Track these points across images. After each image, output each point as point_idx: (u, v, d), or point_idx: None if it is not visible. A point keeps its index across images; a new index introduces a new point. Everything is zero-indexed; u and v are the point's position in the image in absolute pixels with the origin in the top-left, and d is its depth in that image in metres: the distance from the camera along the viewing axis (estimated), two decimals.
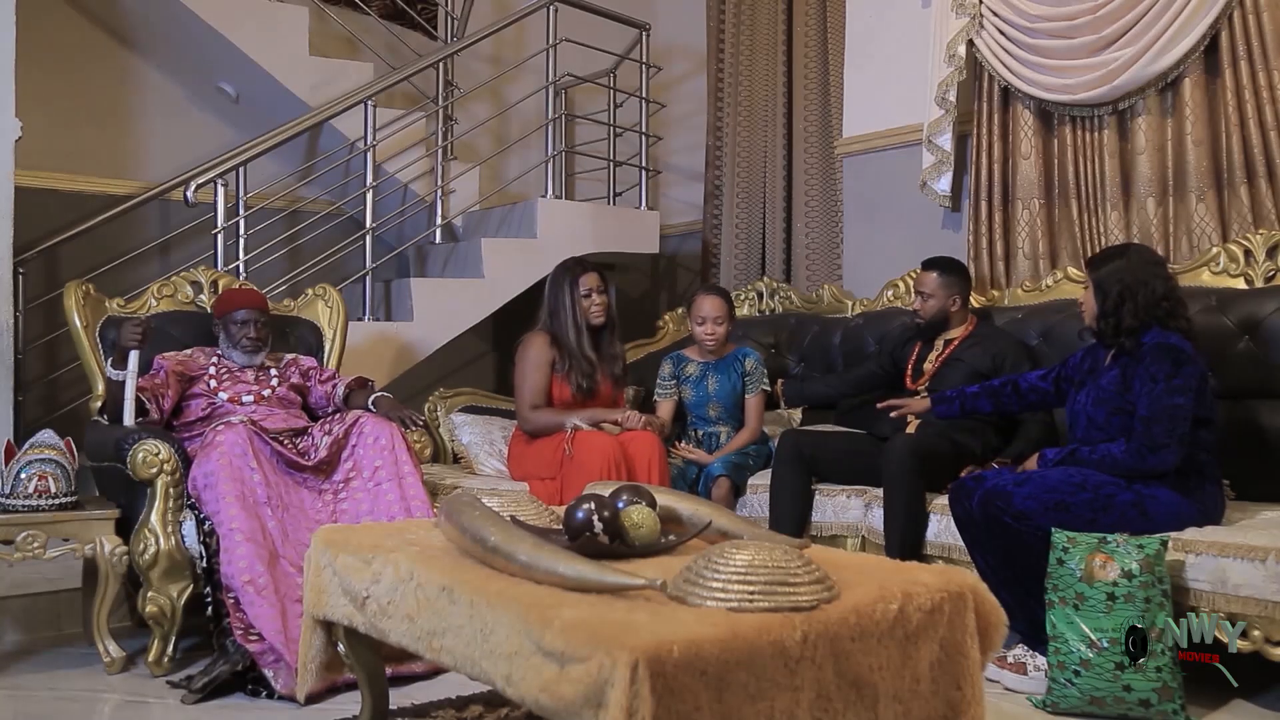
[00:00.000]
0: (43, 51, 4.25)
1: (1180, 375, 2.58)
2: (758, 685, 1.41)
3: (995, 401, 3.11)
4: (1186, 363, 2.61)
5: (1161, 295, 2.71)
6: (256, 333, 3.27)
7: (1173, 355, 2.62)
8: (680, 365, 3.84)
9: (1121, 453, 2.61)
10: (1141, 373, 2.64)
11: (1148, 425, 2.59)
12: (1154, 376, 2.61)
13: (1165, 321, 2.70)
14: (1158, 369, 2.61)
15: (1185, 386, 2.58)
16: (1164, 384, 2.58)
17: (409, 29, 5.33)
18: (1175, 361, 2.60)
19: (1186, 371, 2.59)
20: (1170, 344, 2.64)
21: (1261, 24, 3.29)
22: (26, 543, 2.67)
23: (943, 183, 4.14)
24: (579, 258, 3.76)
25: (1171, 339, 2.66)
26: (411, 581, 1.76)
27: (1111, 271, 2.76)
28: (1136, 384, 2.64)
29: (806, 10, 4.88)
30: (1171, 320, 2.71)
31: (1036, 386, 3.05)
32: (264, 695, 2.53)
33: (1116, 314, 2.73)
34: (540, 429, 3.50)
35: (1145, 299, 2.70)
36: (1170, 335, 2.67)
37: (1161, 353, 2.62)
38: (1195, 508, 2.59)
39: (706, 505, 2.09)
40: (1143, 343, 2.68)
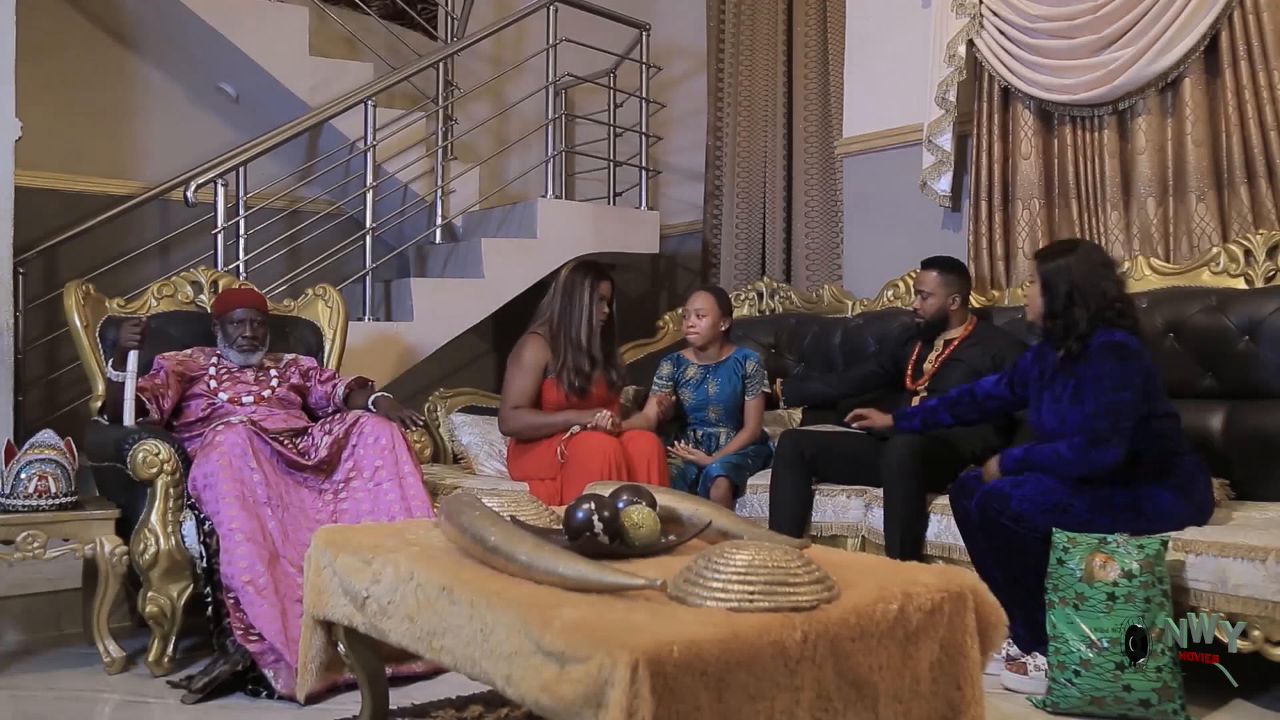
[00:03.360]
0: (43, 51, 4.24)
1: (1124, 371, 2.59)
2: (758, 685, 1.41)
3: (954, 412, 3.11)
4: (1131, 358, 2.61)
5: (1114, 297, 2.71)
6: (253, 332, 3.26)
7: (1118, 352, 2.62)
8: (680, 367, 3.84)
9: (1067, 449, 2.61)
10: (1089, 373, 2.65)
11: (1091, 420, 2.59)
12: (1099, 375, 2.61)
13: (1114, 322, 2.70)
14: (1103, 367, 2.62)
15: (1129, 382, 2.58)
16: (1108, 380, 2.59)
17: (409, 29, 5.33)
18: (1120, 357, 2.61)
19: (1131, 367, 2.60)
20: (1115, 341, 2.64)
21: (1261, 24, 3.29)
22: (26, 543, 2.67)
23: (943, 183, 4.14)
24: (595, 261, 3.76)
25: (1116, 335, 2.66)
26: (411, 581, 1.76)
27: (1060, 269, 2.74)
28: (1086, 386, 2.65)
29: (806, 10, 4.88)
30: (1121, 320, 2.70)
31: (992, 394, 3.04)
32: (264, 695, 2.53)
33: (1066, 315, 2.71)
34: (518, 429, 3.51)
35: (1097, 301, 2.69)
36: (1115, 333, 2.67)
37: (1107, 351, 2.63)
38: (1190, 506, 2.60)
39: (706, 505, 2.09)
40: (1089, 344, 2.68)
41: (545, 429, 3.45)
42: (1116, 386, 2.59)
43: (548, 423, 3.45)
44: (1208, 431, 3.06)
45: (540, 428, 3.46)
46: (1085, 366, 2.67)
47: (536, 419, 3.48)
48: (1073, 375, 2.71)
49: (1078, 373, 2.69)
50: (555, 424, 3.43)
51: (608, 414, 3.40)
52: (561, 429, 3.41)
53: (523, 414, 3.49)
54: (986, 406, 3.07)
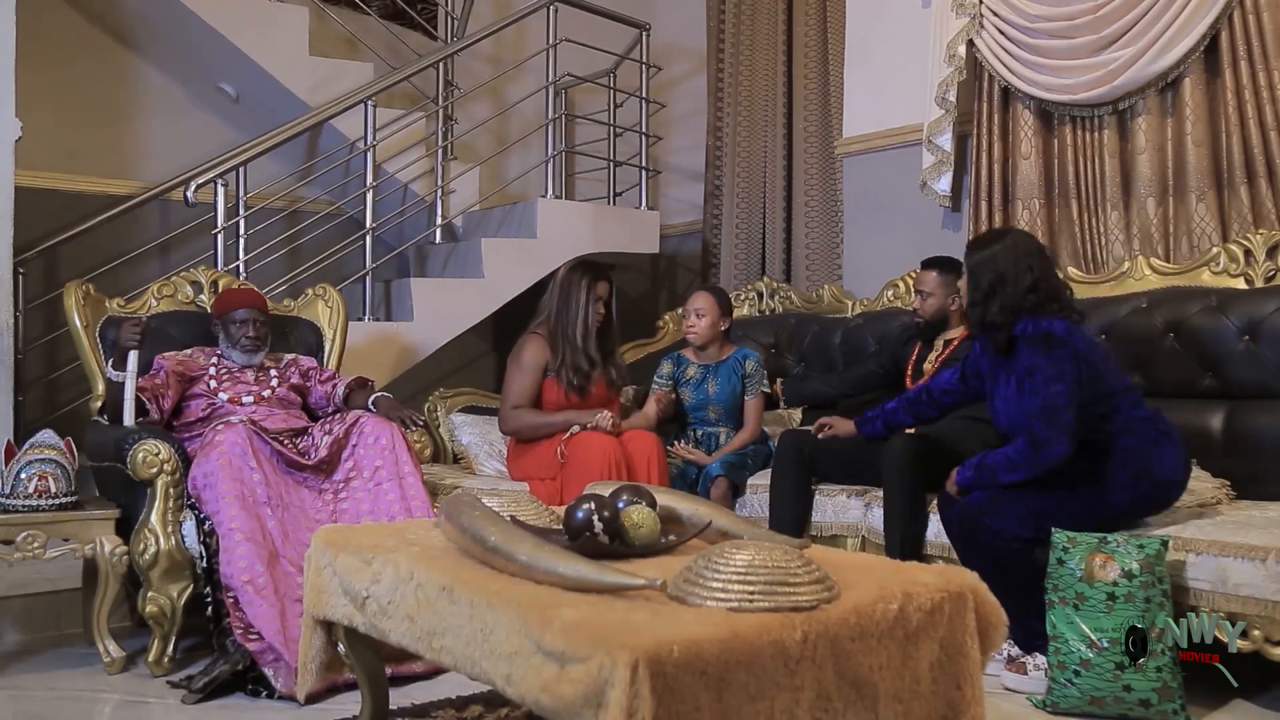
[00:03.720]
0: (43, 51, 4.25)
1: (1051, 362, 2.57)
2: (758, 685, 1.41)
3: (913, 412, 3.11)
4: (1057, 345, 2.58)
5: (1028, 287, 2.66)
6: (256, 332, 3.26)
7: (1042, 342, 2.60)
8: (681, 367, 3.84)
9: (1014, 452, 2.62)
10: (1021, 367, 2.64)
11: (1030, 421, 2.59)
12: (1030, 369, 2.60)
13: (1035, 310, 2.67)
14: (1033, 360, 2.60)
15: (1060, 372, 2.56)
16: (1040, 374, 2.58)
17: (409, 29, 5.33)
18: (1046, 348, 2.59)
19: (1057, 355, 2.57)
20: (1040, 332, 2.62)
21: (1261, 24, 3.29)
22: (26, 543, 2.67)
23: (943, 183, 4.14)
24: (594, 260, 3.76)
25: (1042, 324, 2.63)
26: (411, 581, 1.76)
27: (986, 259, 2.73)
28: (1025, 382, 2.64)
29: (806, 10, 4.88)
30: (1042, 309, 2.67)
31: (948, 389, 3.04)
32: (264, 695, 2.53)
33: (984, 305, 2.70)
34: (518, 429, 3.51)
35: (1012, 291, 2.66)
36: (1041, 321, 2.64)
37: (1032, 343, 2.62)
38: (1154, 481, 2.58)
39: (706, 505, 2.09)
40: (1014, 335, 2.67)
41: (545, 429, 3.46)
42: (1049, 379, 2.56)
43: (548, 422, 3.45)
44: (1208, 431, 3.06)
45: (540, 427, 3.47)
46: (1017, 361, 2.66)
47: (536, 419, 3.48)
48: (1011, 370, 2.70)
49: (1013, 367, 2.68)
50: (555, 424, 3.44)
51: (608, 414, 3.40)
52: (561, 429, 3.41)
53: (523, 414, 3.50)
54: (944, 402, 3.07)
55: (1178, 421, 3.10)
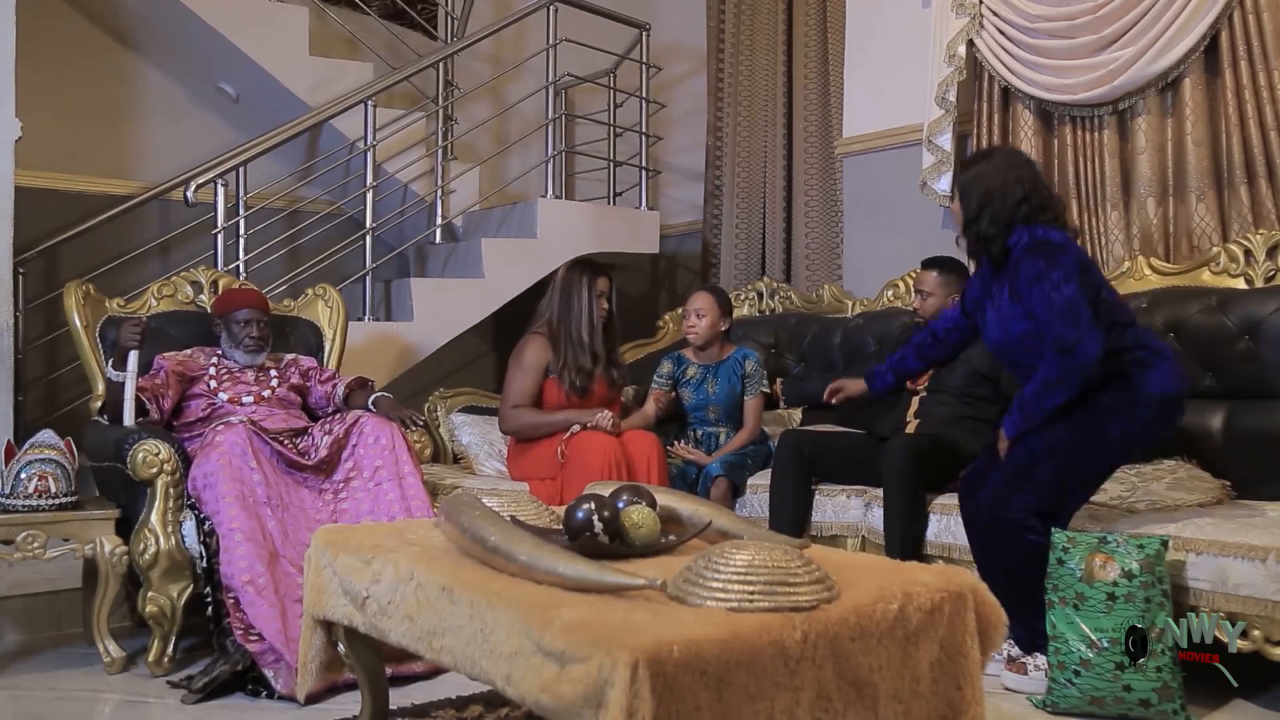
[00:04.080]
0: (43, 51, 4.25)
1: (1057, 266, 2.55)
2: (758, 685, 1.41)
3: (920, 355, 3.10)
4: (1058, 252, 2.57)
5: (1019, 199, 2.65)
6: (259, 333, 3.27)
7: (1043, 250, 2.58)
8: (681, 366, 3.84)
9: (1047, 370, 2.56)
10: (1023, 279, 2.60)
11: (1051, 328, 2.54)
12: (1034, 277, 2.57)
13: (1028, 220, 2.65)
14: (1034, 269, 2.58)
15: (1068, 274, 2.54)
16: (1046, 281, 2.55)
17: (409, 29, 5.33)
18: (1047, 255, 2.57)
19: (1061, 261, 2.55)
20: (1036, 240, 2.61)
21: (1261, 24, 3.29)
22: (26, 543, 2.67)
23: (943, 183, 4.14)
24: (592, 259, 3.76)
25: (1038, 233, 2.62)
26: (411, 581, 1.76)
27: (974, 177, 2.72)
28: (1024, 292, 2.60)
29: (806, 10, 4.88)
30: (1035, 219, 2.66)
31: (952, 325, 3.02)
32: (264, 695, 2.53)
33: (977, 222, 2.69)
34: (518, 428, 3.51)
35: (1001, 205, 2.65)
36: (1036, 230, 2.63)
37: (1031, 252, 2.60)
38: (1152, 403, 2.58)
39: (706, 505, 2.09)
40: (1009, 247, 2.66)
41: (545, 428, 3.46)
42: (1058, 282, 2.54)
43: (548, 422, 3.46)
44: (1208, 431, 3.06)
45: (540, 427, 3.47)
46: (1018, 273, 2.63)
47: (536, 418, 3.48)
48: (1006, 280, 2.69)
49: (1011, 277, 2.66)
50: (555, 423, 3.44)
51: (608, 414, 3.40)
52: (561, 428, 3.41)
53: (523, 413, 3.50)
54: (951, 340, 3.05)
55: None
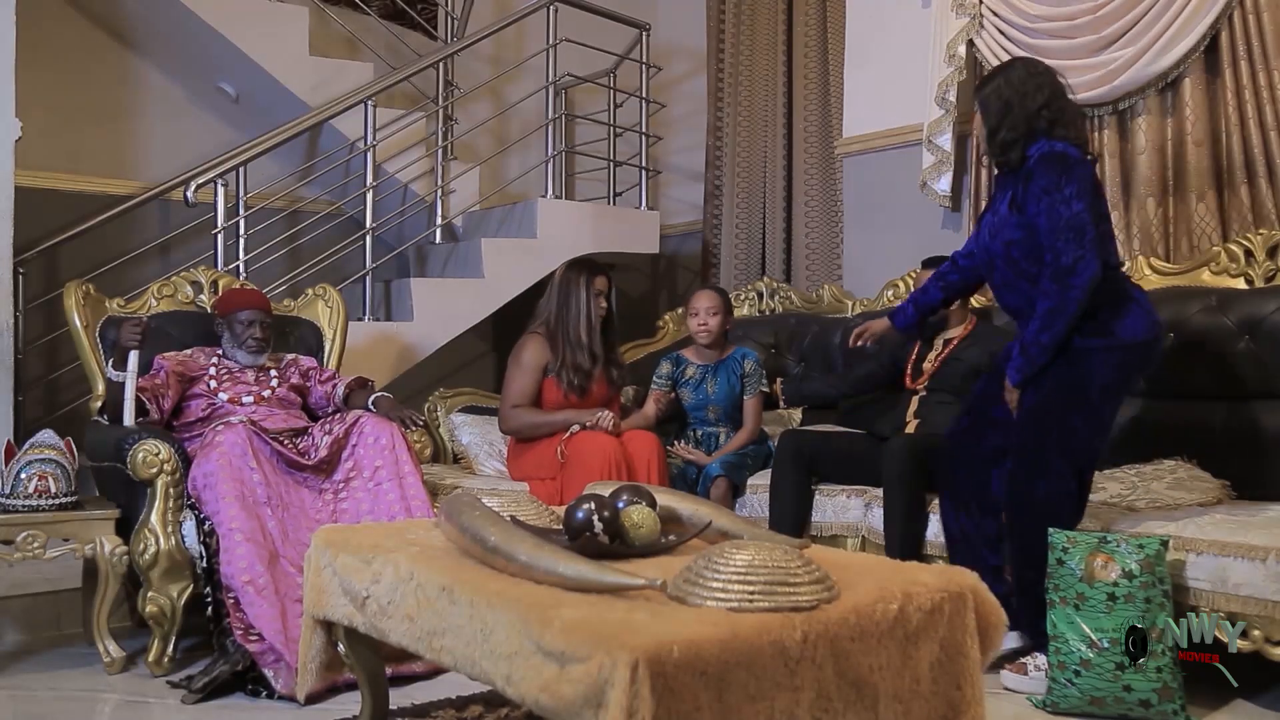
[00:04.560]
0: (43, 51, 4.25)
1: (1071, 180, 2.51)
2: (758, 685, 1.41)
3: (943, 284, 3.03)
4: (1075, 165, 2.53)
5: (1041, 105, 2.62)
6: (262, 333, 3.27)
7: (1059, 162, 2.54)
8: (680, 367, 3.83)
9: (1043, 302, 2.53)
10: (1034, 189, 2.56)
11: (1053, 244, 2.51)
12: (1046, 189, 2.52)
13: (1049, 132, 2.62)
14: (1047, 180, 2.53)
15: (1080, 190, 2.50)
16: (1057, 194, 2.51)
17: (409, 29, 5.33)
18: (1062, 168, 2.53)
19: (1077, 174, 2.52)
20: (1055, 152, 2.56)
21: (1261, 24, 3.29)
22: (26, 543, 2.67)
23: (943, 183, 4.14)
24: (589, 258, 3.76)
25: (1057, 147, 2.58)
26: (411, 581, 1.76)
27: (993, 90, 2.70)
28: (1030, 204, 2.56)
29: (806, 10, 4.88)
30: (1056, 129, 2.62)
31: (969, 250, 2.97)
32: (264, 695, 2.53)
33: (997, 131, 2.66)
34: (518, 428, 3.51)
35: (1021, 112, 2.62)
36: (1055, 144, 2.59)
37: (1046, 163, 2.55)
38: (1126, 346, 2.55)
39: (706, 505, 2.09)
40: (1028, 156, 2.62)
41: (545, 427, 3.46)
42: (1069, 198, 2.50)
43: (547, 421, 3.46)
44: (1208, 431, 3.06)
45: (540, 426, 3.47)
46: (1028, 183, 2.58)
47: (536, 418, 3.48)
48: (1011, 188, 2.65)
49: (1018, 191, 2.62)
50: (555, 423, 3.44)
51: (609, 414, 3.40)
52: (561, 428, 3.41)
53: (522, 413, 3.50)
54: (967, 266, 2.99)
55: (1178, 421, 3.12)
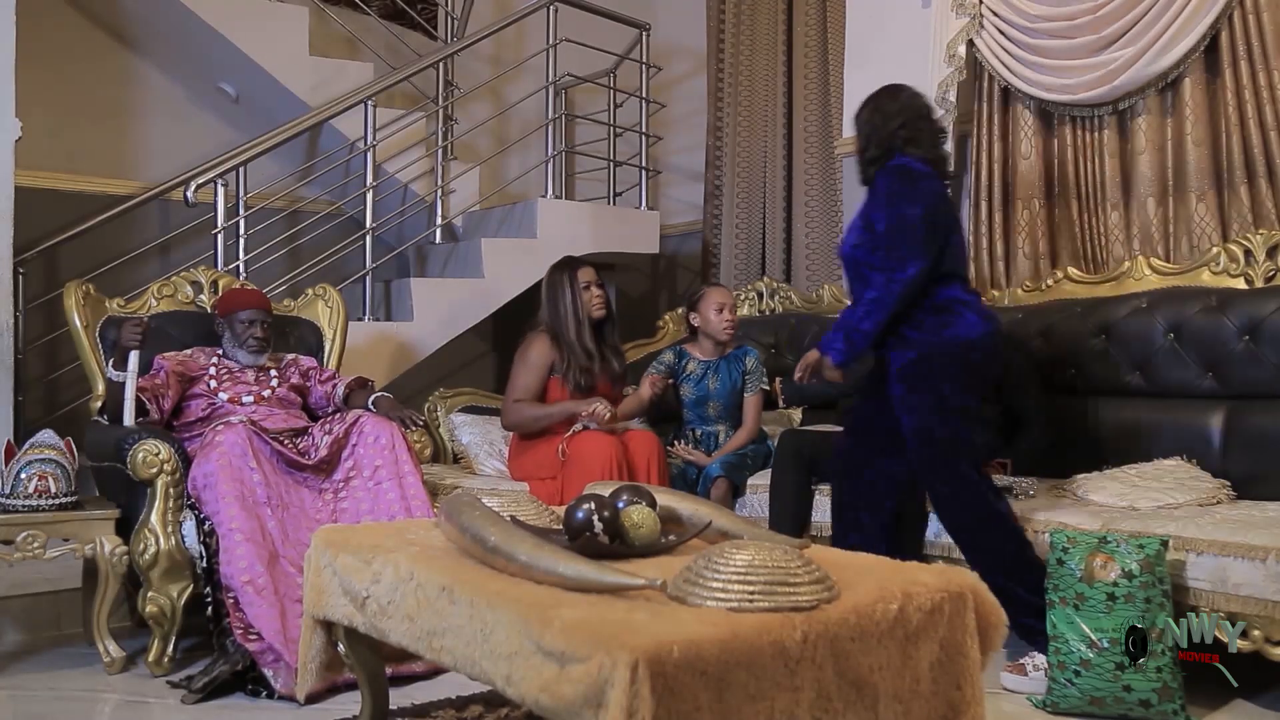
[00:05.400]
0: (43, 51, 4.24)
1: (914, 192, 2.65)
2: (758, 685, 1.41)
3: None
4: (919, 179, 2.67)
5: (898, 126, 2.77)
6: (263, 333, 3.27)
7: (902, 173, 2.69)
8: (682, 360, 3.83)
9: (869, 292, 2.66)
10: (878, 197, 2.70)
11: (886, 244, 2.64)
12: (888, 196, 2.67)
13: (902, 149, 2.75)
14: (889, 188, 2.68)
15: (917, 200, 2.63)
16: (899, 200, 2.65)
17: (409, 29, 5.33)
18: (904, 178, 2.67)
19: (920, 187, 2.66)
20: (900, 164, 2.71)
21: (1261, 24, 3.29)
22: (26, 543, 2.67)
23: None
24: (569, 256, 3.78)
25: (903, 161, 2.72)
26: (411, 581, 1.76)
27: (864, 114, 2.87)
28: (874, 210, 2.70)
29: (806, 10, 4.88)
30: (909, 147, 2.75)
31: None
32: (264, 695, 2.53)
33: (865, 151, 2.82)
34: (519, 421, 3.53)
35: (883, 131, 2.77)
36: (904, 159, 2.73)
37: (891, 173, 2.70)
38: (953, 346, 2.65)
39: (706, 505, 2.09)
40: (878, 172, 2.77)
41: (545, 420, 3.48)
42: (906, 202, 2.64)
43: (547, 414, 3.47)
44: (1208, 431, 3.06)
45: (540, 419, 3.48)
46: (875, 192, 2.74)
47: (536, 410, 3.51)
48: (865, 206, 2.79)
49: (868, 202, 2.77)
50: (554, 415, 3.46)
51: (604, 402, 3.40)
52: (560, 420, 3.43)
53: (523, 407, 3.52)
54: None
55: (1178, 421, 3.12)
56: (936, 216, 2.67)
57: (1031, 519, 2.78)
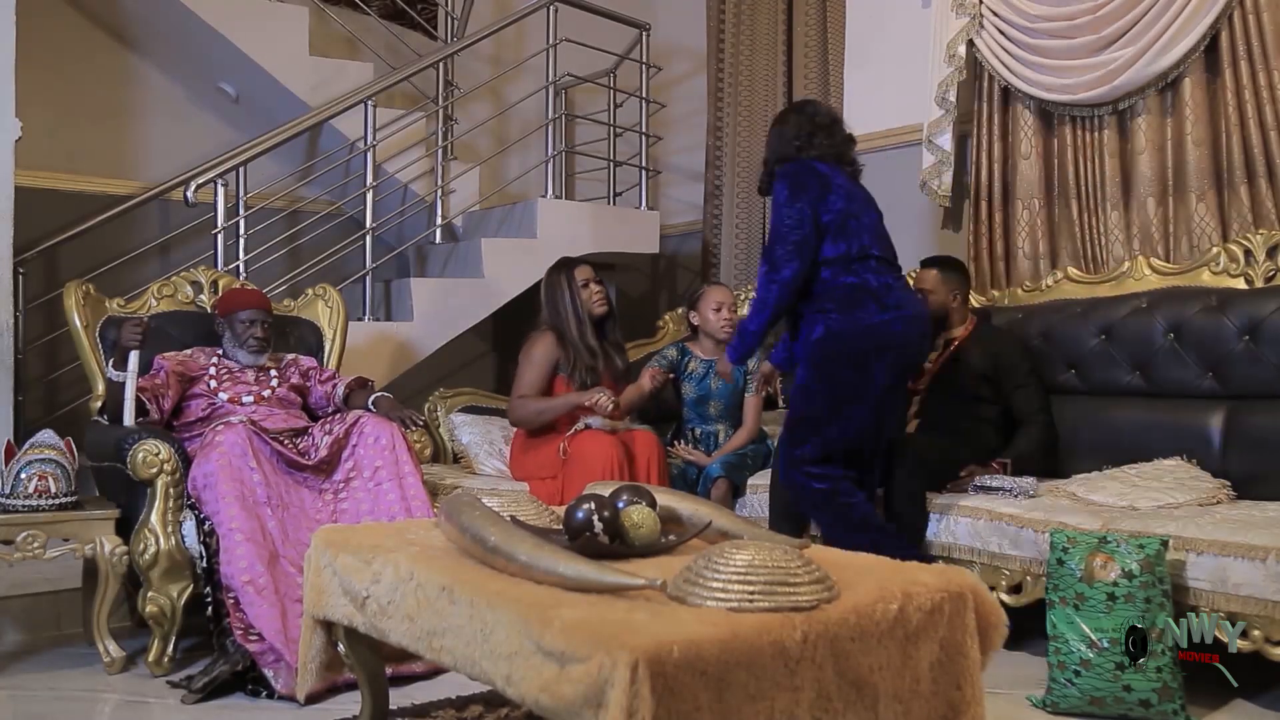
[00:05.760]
0: (43, 51, 4.24)
1: (798, 190, 2.77)
2: (758, 685, 1.41)
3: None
4: (802, 174, 2.80)
5: (792, 137, 2.89)
6: (263, 333, 3.27)
7: (790, 175, 2.82)
8: (685, 358, 3.85)
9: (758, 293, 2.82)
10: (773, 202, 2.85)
11: (767, 249, 2.83)
12: (776, 200, 2.82)
13: (795, 156, 2.87)
14: (778, 192, 2.82)
15: (798, 197, 2.78)
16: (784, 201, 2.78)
17: (409, 29, 5.33)
18: (792, 179, 2.80)
19: (804, 184, 2.77)
20: (788, 168, 2.84)
21: (1261, 24, 3.29)
22: (26, 543, 2.67)
23: (943, 183, 4.14)
24: (566, 257, 3.80)
25: (791, 165, 2.84)
26: (411, 581, 1.76)
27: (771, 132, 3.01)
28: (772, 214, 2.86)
29: (806, 10, 4.88)
30: (803, 151, 2.88)
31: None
32: (264, 695, 2.53)
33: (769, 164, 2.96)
34: (524, 416, 3.55)
35: (778, 143, 2.91)
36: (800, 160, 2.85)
37: (781, 177, 2.83)
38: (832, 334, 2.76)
39: (706, 505, 2.09)
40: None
41: (549, 413, 3.50)
42: (789, 201, 2.79)
43: (551, 407, 3.49)
44: (1208, 431, 3.06)
45: (544, 412, 3.51)
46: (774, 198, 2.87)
47: (541, 404, 3.54)
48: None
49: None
50: (557, 407, 3.48)
51: (608, 393, 3.40)
52: (564, 413, 3.46)
53: (528, 402, 3.55)
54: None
55: (1178, 421, 3.12)
56: (830, 207, 2.78)
57: (1032, 519, 2.78)
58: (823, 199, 2.80)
